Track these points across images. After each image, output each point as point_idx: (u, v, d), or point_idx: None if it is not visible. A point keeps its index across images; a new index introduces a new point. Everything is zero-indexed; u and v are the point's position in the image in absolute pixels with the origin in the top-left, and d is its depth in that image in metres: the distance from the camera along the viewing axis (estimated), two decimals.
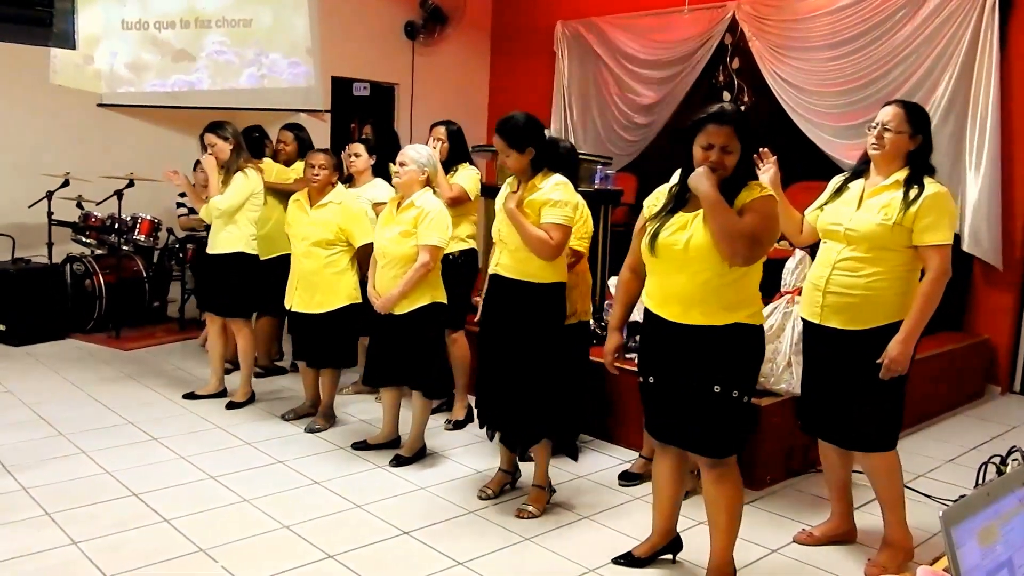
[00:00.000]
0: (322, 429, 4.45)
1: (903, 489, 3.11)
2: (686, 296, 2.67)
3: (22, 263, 6.22)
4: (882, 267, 2.90)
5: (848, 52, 6.13)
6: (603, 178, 5.18)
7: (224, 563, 3.00)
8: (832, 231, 3.03)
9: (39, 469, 3.79)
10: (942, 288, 2.85)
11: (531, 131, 3.35)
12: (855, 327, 2.93)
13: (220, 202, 4.60)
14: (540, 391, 3.41)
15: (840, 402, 3.03)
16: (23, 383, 5.09)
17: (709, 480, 2.79)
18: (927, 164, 2.97)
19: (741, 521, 2.84)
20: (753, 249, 2.57)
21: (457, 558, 3.10)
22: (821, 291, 3.00)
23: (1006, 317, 5.72)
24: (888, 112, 2.98)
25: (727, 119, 2.62)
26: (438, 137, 4.54)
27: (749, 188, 2.65)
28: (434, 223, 3.83)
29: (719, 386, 2.66)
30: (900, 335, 2.84)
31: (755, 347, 2.74)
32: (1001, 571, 1.14)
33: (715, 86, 7.15)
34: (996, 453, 3.18)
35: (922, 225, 2.84)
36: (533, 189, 3.36)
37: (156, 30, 7.25)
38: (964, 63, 5.59)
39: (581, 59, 8.07)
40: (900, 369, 2.85)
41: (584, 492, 3.77)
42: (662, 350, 2.78)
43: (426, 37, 8.50)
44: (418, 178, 3.89)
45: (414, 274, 3.81)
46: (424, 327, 3.90)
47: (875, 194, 2.96)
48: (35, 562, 2.96)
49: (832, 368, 3.03)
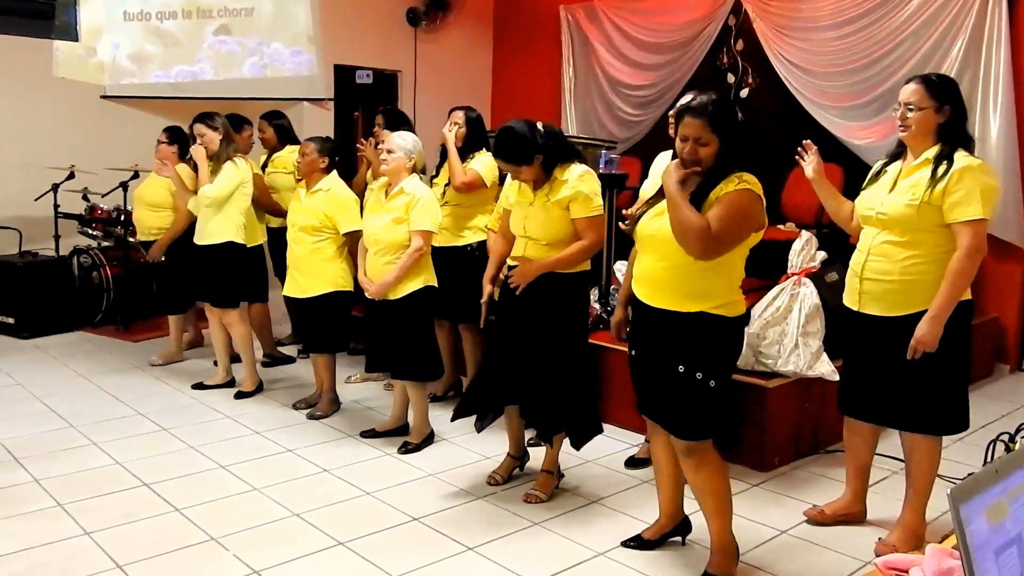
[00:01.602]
0: (323, 416, 4.46)
1: (936, 478, 3.08)
2: (654, 279, 2.71)
3: (29, 256, 6.24)
4: (919, 250, 2.83)
5: (853, 31, 6.08)
6: (608, 162, 5.16)
7: (235, 551, 3.02)
8: (867, 216, 2.98)
9: (50, 461, 3.81)
10: (975, 266, 2.78)
11: (531, 139, 3.25)
12: (894, 313, 2.88)
13: (210, 191, 4.60)
14: (566, 380, 3.40)
15: (898, 387, 2.94)
16: (32, 376, 5.12)
17: (688, 469, 2.80)
18: (961, 135, 2.87)
19: (732, 501, 2.84)
20: (709, 244, 2.52)
21: (467, 543, 3.12)
22: (859, 277, 2.96)
23: (1015, 296, 5.69)
24: (908, 90, 2.90)
25: (699, 112, 2.59)
26: (456, 122, 4.47)
27: (728, 180, 2.60)
28: (425, 208, 3.85)
29: (683, 366, 2.66)
30: (929, 314, 2.79)
31: (723, 336, 2.69)
32: (1010, 548, 1.13)
33: (719, 68, 7.11)
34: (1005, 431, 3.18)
35: (951, 201, 2.76)
36: (556, 183, 3.29)
37: (158, 21, 7.24)
38: (971, 38, 5.52)
39: (584, 43, 8.03)
40: (927, 348, 2.80)
41: (592, 476, 3.78)
42: (638, 327, 2.84)
43: (428, 23, 8.46)
44: (405, 165, 3.91)
45: (408, 259, 3.83)
46: (417, 311, 3.95)
47: (908, 175, 2.90)
48: (48, 552, 2.98)
49: (880, 355, 2.96)
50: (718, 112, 2.60)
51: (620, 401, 4.34)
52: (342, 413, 4.55)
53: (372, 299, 3.96)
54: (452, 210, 4.43)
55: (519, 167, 3.28)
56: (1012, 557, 1.13)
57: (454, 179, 4.32)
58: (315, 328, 4.46)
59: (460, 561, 3.00)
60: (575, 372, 3.42)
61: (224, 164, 4.65)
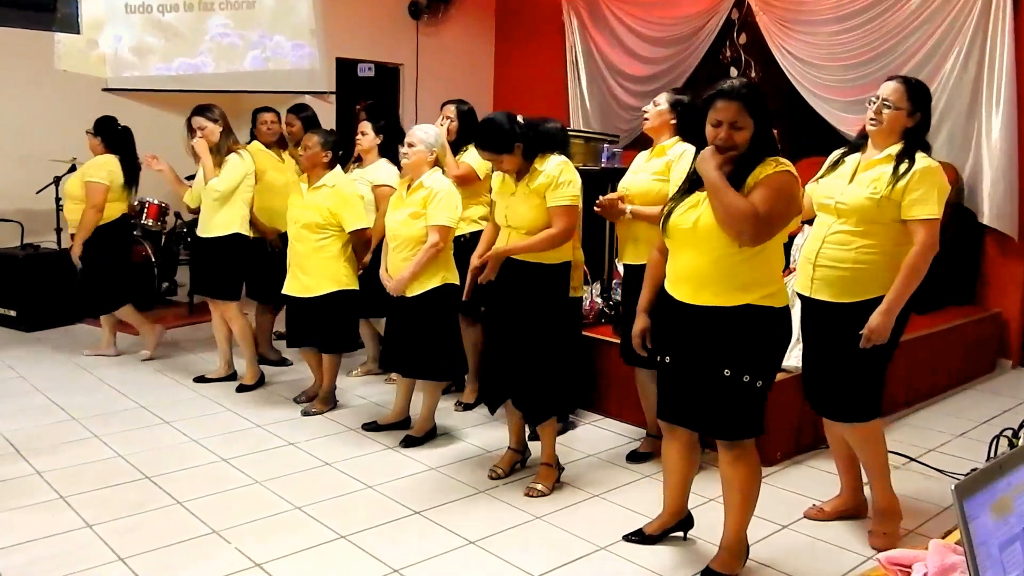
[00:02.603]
0: (318, 413, 4.43)
1: (887, 457, 3.13)
2: (696, 276, 2.64)
3: (31, 249, 6.24)
4: (872, 240, 2.90)
5: (856, 25, 6.07)
6: (610, 156, 5.16)
7: (237, 544, 3.03)
8: (824, 204, 3.04)
9: (53, 453, 3.82)
10: (928, 262, 2.85)
11: (510, 129, 3.32)
12: (844, 300, 2.94)
13: (218, 184, 4.58)
14: (549, 369, 3.42)
15: (827, 374, 3.03)
16: (34, 369, 5.13)
17: (725, 461, 2.77)
18: (922, 141, 2.97)
19: (756, 502, 2.82)
20: (760, 227, 2.51)
21: (468, 537, 3.12)
22: (812, 264, 3.01)
23: (1018, 291, 5.68)
24: (889, 87, 2.97)
25: (735, 95, 2.56)
26: (448, 115, 4.49)
27: (765, 164, 2.58)
28: (443, 203, 3.80)
29: (729, 370, 2.62)
30: (883, 306, 2.84)
31: (771, 330, 2.66)
32: (1014, 543, 1.13)
33: (722, 62, 7.09)
34: (1008, 426, 3.17)
35: (910, 199, 2.84)
36: (535, 174, 3.36)
37: (159, 13, 7.24)
38: (975, 35, 5.52)
39: (587, 36, 8.01)
40: (879, 339, 2.85)
41: (593, 470, 3.78)
42: (675, 331, 2.74)
43: (430, 16, 8.45)
44: (427, 159, 3.87)
45: (424, 255, 3.79)
46: (436, 309, 3.88)
47: (868, 168, 2.96)
48: (50, 545, 2.99)
49: (821, 341, 3.04)
50: (752, 95, 2.58)
51: (621, 396, 4.34)
52: (344, 407, 4.55)
53: (392, 296, 3.91)
54: None
55: (499, 156, 3.35)
56: (1016, 552, 1.13)
57: (448, 172, 4.32)
58: (318, 328, 4.35)
59: (461, 554, 3.00)
60: (558, 362, 3.44)
61: (228, 157, 4.63)
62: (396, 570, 2.87)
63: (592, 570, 2.92)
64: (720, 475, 2.83)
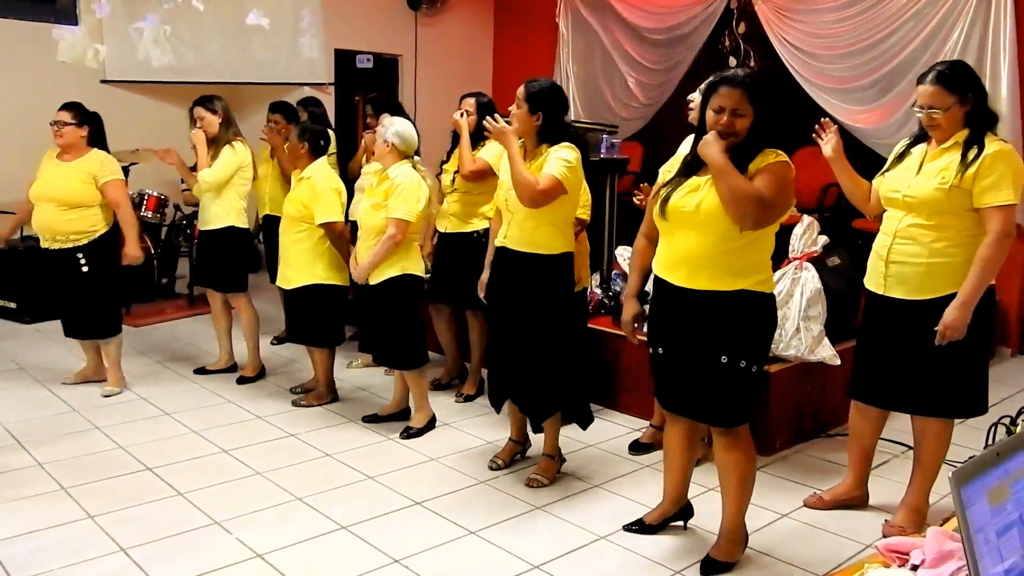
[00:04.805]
0: (307, 405, 4.41)
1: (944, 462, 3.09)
2: (695, 259, 2.65)
3: (31, 241, 6.23)
4: (946, 233, 2.81)
5: (854, 13, 6.06)
6: (609, 147, 5.15)
7: (239, 535, 3.04)
8: (892, 198, 2.95)
9: (54, 445, 3.83)
10: (1004, 251, 2.76)
11: (548, 98, 3.28)
12: (920, 297, 2.86)
13: (208, 175, 4.57)
14: (553, 362, 3.40)
15: (919, 372, 2.93)
16: (35, 360, 5.13)
17: (720, 447, 2.80)
18: (987, 116, 2.85)
19: (753, 488, 2.84)
20: (763, 212, 2.54)
21: (469, 527, 3.13)
22: (884, 260, 2.94)
23: (1016, 278, 5.68)
24: (927, 93, 2.85)
25: (738, 82, 2.59)
26: (466, 109, 4.40)
27: (764, 154, 2.60)
28: (403, 196, 3.80)
29: (727, 356, 2.64)
30: (957, 300, 2.77)
31: (764, 315, 2.71)
32: (1011, 530, 1.14)
33: (721, 51, 7.07)
34: (1006, 414, 3.18)
35: (983, 185, 2.73)
36: (540, 155, 3.30)
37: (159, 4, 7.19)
38: (974, 20, 5.49)
39: (585, 27, 7.99)
40: (955, 335, 2.78)
41: (594, 461, 3.79)
42: (670, 320, 2.75)
43: (429, 7, 8.42)
44: (386, 151, 3.89)
45: (381, 247, 3.83)
46: (396, 298, 3.92)
47: (935, 158, 2.87)
48: (52, 536, 3.00)
49: (901, 339, 2.94)
50: (754, 83, 2.61)
51: (624, 386, 4.35)
52: (344, 398, 4.55)
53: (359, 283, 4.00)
54: (460, 197, 4.42)
55: (522, 103, 3.26)
56: (1013, 539, 1.14)
57: (463, 167, 4.28)
58: (301, 320, 4.37)
59: (462, 545, 3.02)
60: (562, 357, 3.42)
61: (222, 148, 4.62)
62: (397, 560, 2.88)
63: (592, 560, 2.93)
64: (716, 462, 2.85)
